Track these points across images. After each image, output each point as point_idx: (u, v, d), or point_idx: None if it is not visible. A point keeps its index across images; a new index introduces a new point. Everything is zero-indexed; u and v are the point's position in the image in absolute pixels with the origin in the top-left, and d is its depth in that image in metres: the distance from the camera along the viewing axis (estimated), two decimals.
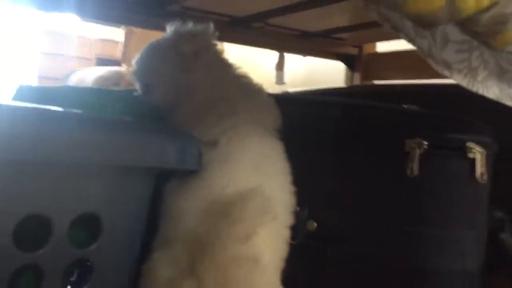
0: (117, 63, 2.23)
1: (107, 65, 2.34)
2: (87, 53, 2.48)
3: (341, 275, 0.62)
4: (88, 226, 0.48)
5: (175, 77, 0.59)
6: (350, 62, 1.27)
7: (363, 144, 0.63)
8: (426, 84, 0.99)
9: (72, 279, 0.49)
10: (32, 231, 0.45)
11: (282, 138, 0.60)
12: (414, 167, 0.59)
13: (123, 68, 2.25)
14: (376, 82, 1.31)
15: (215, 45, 0.61)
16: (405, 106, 0.72)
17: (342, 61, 1.26)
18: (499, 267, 0.74)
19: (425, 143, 0.59)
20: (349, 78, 1.31)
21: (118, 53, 2.11)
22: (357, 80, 1.29)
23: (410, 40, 0.37)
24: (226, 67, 0.62)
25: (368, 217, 0.61)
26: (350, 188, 0.63)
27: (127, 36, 1.86)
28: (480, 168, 0.59)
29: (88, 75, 2.33)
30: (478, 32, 0.33)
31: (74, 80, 2.45)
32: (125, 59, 1.91)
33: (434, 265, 0.60)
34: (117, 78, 2.33)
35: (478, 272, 0.64)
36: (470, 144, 0.59)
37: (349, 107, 0.68)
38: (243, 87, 0.62)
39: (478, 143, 0.60)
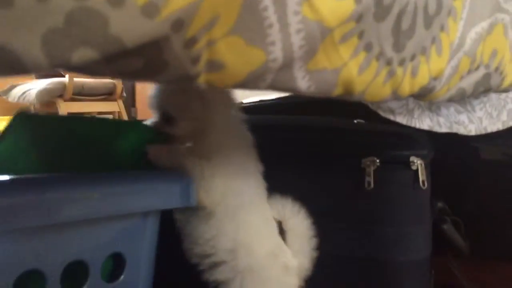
0: (59, 73, 2.21)
1: (49, 77, 2.29)
2: None
3: (316, 272, 0.75)
4: (115, 263, 0.59)
5: (196, 110, 0.60)
6: None
7: (328, 164, 0.76)
8: None
9: None
10: (72, 274, 0.55)
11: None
12: (371, 181, 0.73)
13: (66, 79, 2.26)
14: None
15: None
16: (355, 121, 0.86)
17: None
18: (443, 250, 0.90)
19: (377, 160, 0.73)
20: None
21: None
22: None
23: None
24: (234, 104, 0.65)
25: (336, 222, 0.75)
26: (320, 199, 0.76)
27: None
28: (421, 177, 0.73)
29: (31, 89, 2.29)
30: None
31: (16, 94, 2.40)
32: None
33: (389, 256, 0.75)
34: (61, 89, 2.31)
35: (425, 258, 0.79)
36: (412, 158, 0.73)
37: (312, 130, 0.81)
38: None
39: (418, 156, 0.74)
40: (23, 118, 0.70)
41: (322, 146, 0.77)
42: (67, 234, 0.54)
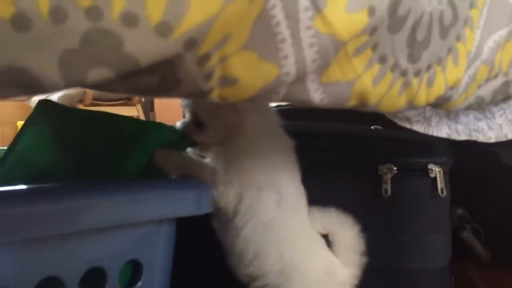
0: None
1: None
2: None
3: None
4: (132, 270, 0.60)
5: (227, 117, 0.59)
6: None
7: (345, 170, 0.76)
8: None
9: None
10: (90, 281, 0.56)
11: None
12: (388, 189, 0.72)
13: None
14: None
15: None
16: (373, 127, 0.86)
17: None
18: (464, 257, 0.89)
19: (394, 168, 0.72)
20: None
21: None
22: None
23: None
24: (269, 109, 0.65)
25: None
26: (336, 206, 0.75)
27: None
28: (440, 184, 0.73)
29: (52, 94, 2.35)
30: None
31: (36, 99, 2.46)
32: None
33: (408, 265, 0.74)
34: (81, 94, 2.36)
35: (445, 266, 0.78)
36: (430, 166, 0.73)
37: (329, 136, 0.81)
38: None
39: (437, 163, 0.73)
40: (47, 107, 0.71)
41: (339, 153, 0.77)
42: (85, 242, 0.55)
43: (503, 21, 0.51)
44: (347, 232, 0.64)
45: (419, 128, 0.58)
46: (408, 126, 0.57)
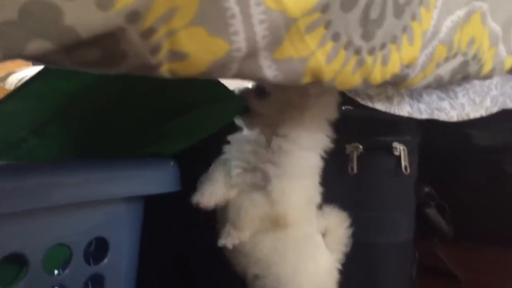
0: None
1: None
2: None
3: None
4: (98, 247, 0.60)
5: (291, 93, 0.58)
6: None
7: None
8: None
9: None
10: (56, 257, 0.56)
11: None
12: (354, 167, 0.74)
13: None
14: None
15: None
16: (343, 108, 0.87)
17: None
18: (430, 233, 0.92)
19: (360, 146, 0.74)
20: None
21: None
22: None
23: None
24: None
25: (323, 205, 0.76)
26: None
27: None
28: (404, 162, 0.74)
29: (28, 76, 2.30)
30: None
31: (12, 81, 2.42)
32: None
33: (372, 240, 0.76)
34: None
35: (408, 241, 0.80)
36: (395, 144, 0.74)
37: None
38: None
39: (401, 142, 0.75)
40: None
41: None
42: (50, 219, 0.56)
43: (462, 1, 0.51)
44: (340, 228, 0.67)
45: (380, 106, 0.59)
46: (370, 104, 0.58)
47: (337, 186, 0.76)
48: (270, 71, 0.35)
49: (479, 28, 0.56)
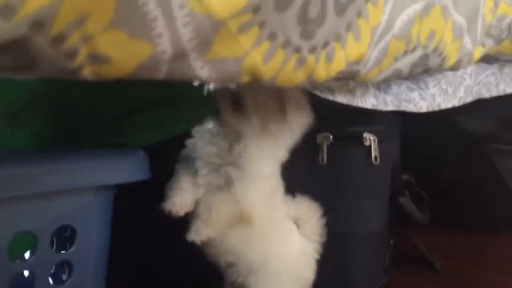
0: None
1: None
2: None
3: None
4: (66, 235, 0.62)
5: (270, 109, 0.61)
6: None
7: None
8: None
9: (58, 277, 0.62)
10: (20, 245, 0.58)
11: None
12: (324, 157, 0.74)
13: None
14: None
15: None
16: None
17: None
18: (406, 219, 0.93)
19: (331, 136, 0.74)
20: None
21: None
22: None
23: None
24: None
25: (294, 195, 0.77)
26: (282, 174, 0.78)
27: None
28: (374, 152, 0.75)
29: None
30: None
31: None
32: None
33: (344, 228, 0.77)
34: None
35: (381, 229, 0.81)
36: (365, 135, 0.75)
37: None
38: None
39: (372, 132, 0.75)
40: None
41: None
42: (15, 208, 0.57)
43: None
44: (312, 218, 0.69)
45: (342, 99, 0.59)
46: (330, 97, 0.58)
47: (308, 175, 0.77)
48: (203, 72, 0.36)
49: (440, 21, 0.56)
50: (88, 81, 0.31)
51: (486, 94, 0.86)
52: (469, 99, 0.82)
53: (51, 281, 0.60)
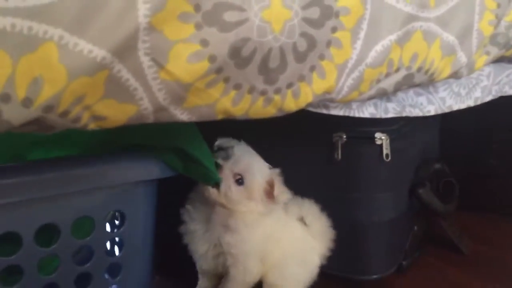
0: None
1: None
2: None
3: None
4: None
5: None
6: None
7: (306, 139, 0.87)
8: None
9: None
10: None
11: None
12: (338, 154, 0.83)
13: None
14: None
15: None
16: None
17: None
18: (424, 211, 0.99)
19: (344, 136, 0.83)
20: None
21: None
22: None
23: None
24: None
25: (315, 189, 0.87)
26: (300, 170, 0.89)
27: None
28: (385, 151, 0.82)
29: None
30: None
31: None
32: None
33: (359, 218, 0.86)
34: None
35: (397, 218, 0.89)
36: (377, 134, 0.82)
37: None
38: None
39: (384, 131, 0.83)
40: None
41: (299, 124, 0.87)
42: (77, 198, 0.73)
43: (394, 27, 0.58)
44: (317, 216, 0.82)
45: (338, 112, 0.68)
46: (324, 111, 0.67)
47: (326, 170, 0.87)
48: (183, 116, 0.47)
49: (421, 44, 0.62)
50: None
51: (510, 92, 0.88)
52: (488, 98, 0.86)
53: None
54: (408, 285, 0.92)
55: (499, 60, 0.82)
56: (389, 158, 0.82)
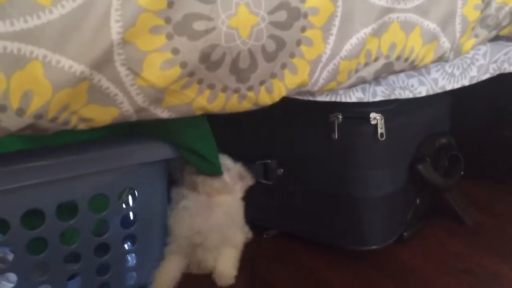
0: None
1: None
2: None
3: (298, 202, 0.96)
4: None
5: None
6: None
7: (305, 119, 0.92)
8: None
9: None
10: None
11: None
12: (335, 133, 0.88)
13: None
14: None
15: None
16: None
17: None
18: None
19: (340, 116, 0.87)
20: None
21: None
22: None
23: None
24: None
25: (313, 165, 0.93)
26: (300, 148, 0.94)
27: None
28: (380, 130, 0.86)
29: None
30: None
31: None
32: None
33: (355, 194, 0.91)
34: None
35: (395, 192, 0.93)
36: (372, 114, 0.86)
37: None
38: None
39: (379, 112, 0.86)
40: None
41: (300, 106, 0.91)
42: (93, 178, 0.81)
43: (368, 20, 0.61)
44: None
45: (324, 98, 0.72)
46: (311, 98, 0.71)
47: (324, 148, 0.92)
48: (164, 114, 0.53)
49: (399, 34, 0.65)
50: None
51: (510, 68, 0.89)
52: (485, 77, 0.87)
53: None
54: (406, 255, 0.96)
55: (497, 39, 0.83)
56: (384, 137, 0.86)
